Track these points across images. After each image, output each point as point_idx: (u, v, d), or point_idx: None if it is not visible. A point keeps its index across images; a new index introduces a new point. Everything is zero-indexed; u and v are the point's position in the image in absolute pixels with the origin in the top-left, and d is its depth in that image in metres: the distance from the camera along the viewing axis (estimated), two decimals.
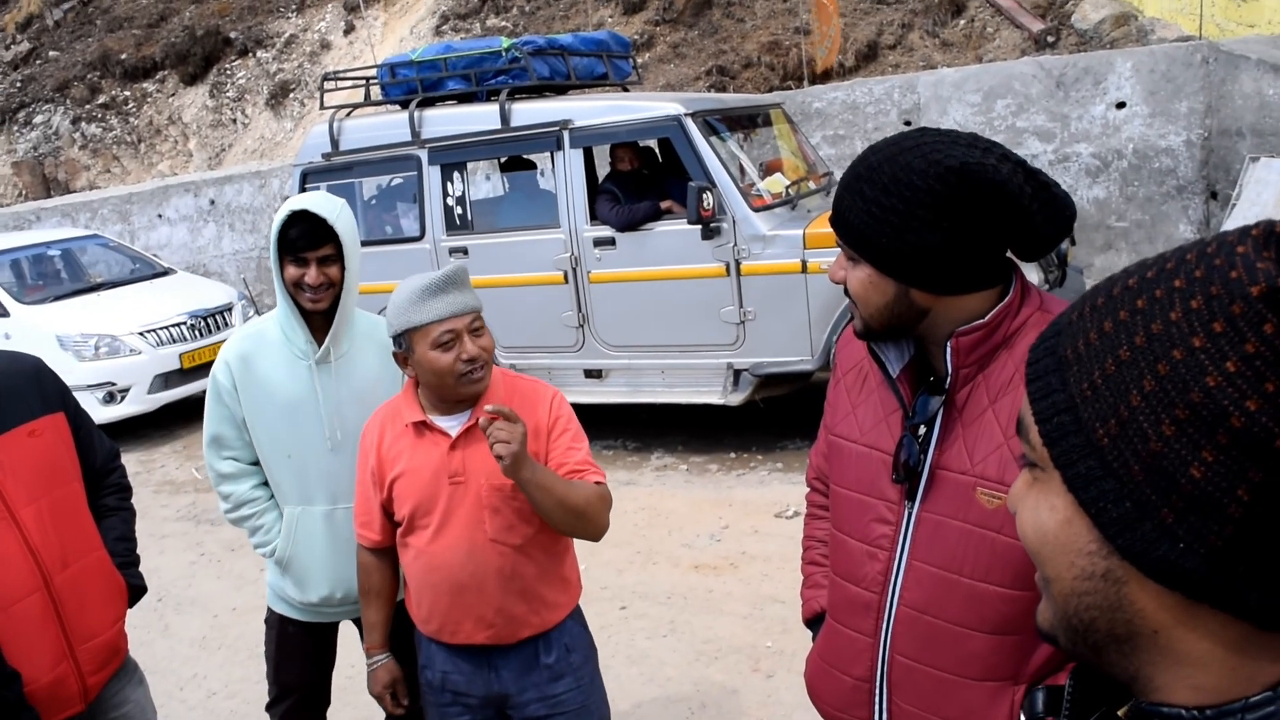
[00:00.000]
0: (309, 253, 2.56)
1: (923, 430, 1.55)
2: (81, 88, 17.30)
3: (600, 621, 4.15)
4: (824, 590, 1.82)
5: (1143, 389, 0.66)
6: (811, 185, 6.84)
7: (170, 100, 16.92)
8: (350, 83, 8.12)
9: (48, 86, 17.55)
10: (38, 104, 17.50)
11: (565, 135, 6.41)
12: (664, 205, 6.36)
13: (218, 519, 6.45)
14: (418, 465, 2.27)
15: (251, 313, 9.43)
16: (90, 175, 16.69)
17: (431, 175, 6.84)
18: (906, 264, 1.45)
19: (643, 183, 6.70)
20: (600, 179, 7.07)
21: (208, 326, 8.74)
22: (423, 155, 6.85)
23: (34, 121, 17.36)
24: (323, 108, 7.45)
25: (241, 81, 16.45)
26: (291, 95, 15.71)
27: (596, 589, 4.55)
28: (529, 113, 6.58)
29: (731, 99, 7.68)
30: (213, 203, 12.12)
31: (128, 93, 17.15)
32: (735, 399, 6.17)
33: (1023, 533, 0.78)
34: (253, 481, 2.77)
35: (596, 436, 6.00)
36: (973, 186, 1.38)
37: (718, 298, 6.13)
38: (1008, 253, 1.50)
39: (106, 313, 8.48)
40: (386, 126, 7.08)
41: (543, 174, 7.52)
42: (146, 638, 4.76)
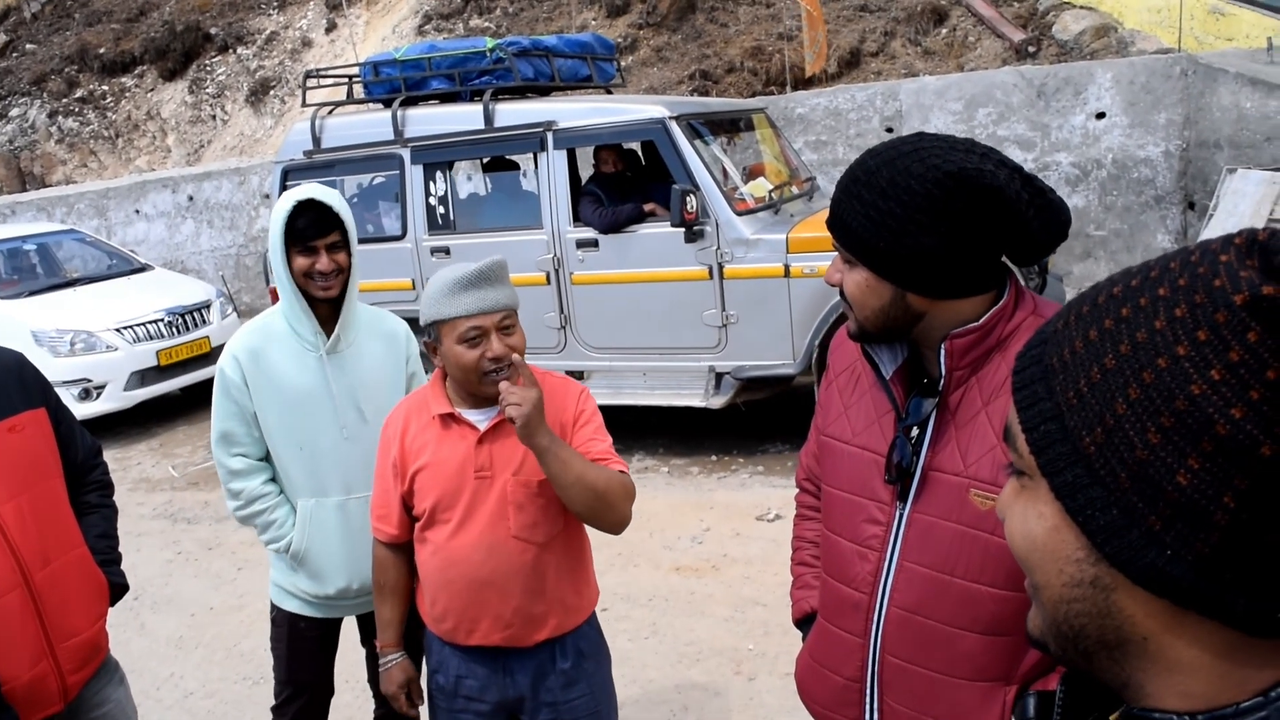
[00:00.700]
0: (319, 240, 2.59)
1: (915, 432, 1.56)
2: (59, 81, 17.14)
3: None
4: (814, 591, 1.82)
5: (1128, 397, 0.66)
6: (794, 190, 6.87)
7: (149, 95, 16.78)
8: (333, 80, 8.08)
9: (24, 80, 17.37)
10: (14, 97, 17.32)
11: (549, 136, 6.41)
12: (647, 208, 6.37)
13: (194, 517, 6.40)
14: (443, 458, 2.22)
15: (230, 310, 9.36)
16: (67, 170, 16.53)
17: (414, 174, 6.82)
18: (903, 268, 1.45)
19: (626, 185, 6.70)
20: (584, 181, 7.07)
21: (185, 324, 8.66)
22: (405, 154, 6.82)
23: (10, 115, 17.18)
24: (305, 105, 7.42)
25: (221, 78, 16.34)
26: (272, 92, 15.62)
27: None
28: (513, 113, 6.56)
29: (715, 103, 7.69)
30: (191, 199, 12.03)
31: (106, 87, 17.00)
32: (717, 402, 6.18)
33: (1011, 540, 0.78)
34: (263, 477, 2.76)
35: None
36: (970, 191, 1.39)
37: (700, 301, 6.14)
38: (1003, 258, 1.51)
39: (83, 309, 8.40)
40: (369, 125, 7.05)
41: (525, 175, 7.51)
42: (123, 637, 4.71)
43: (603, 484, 2.12)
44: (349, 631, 3.01)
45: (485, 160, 7.96)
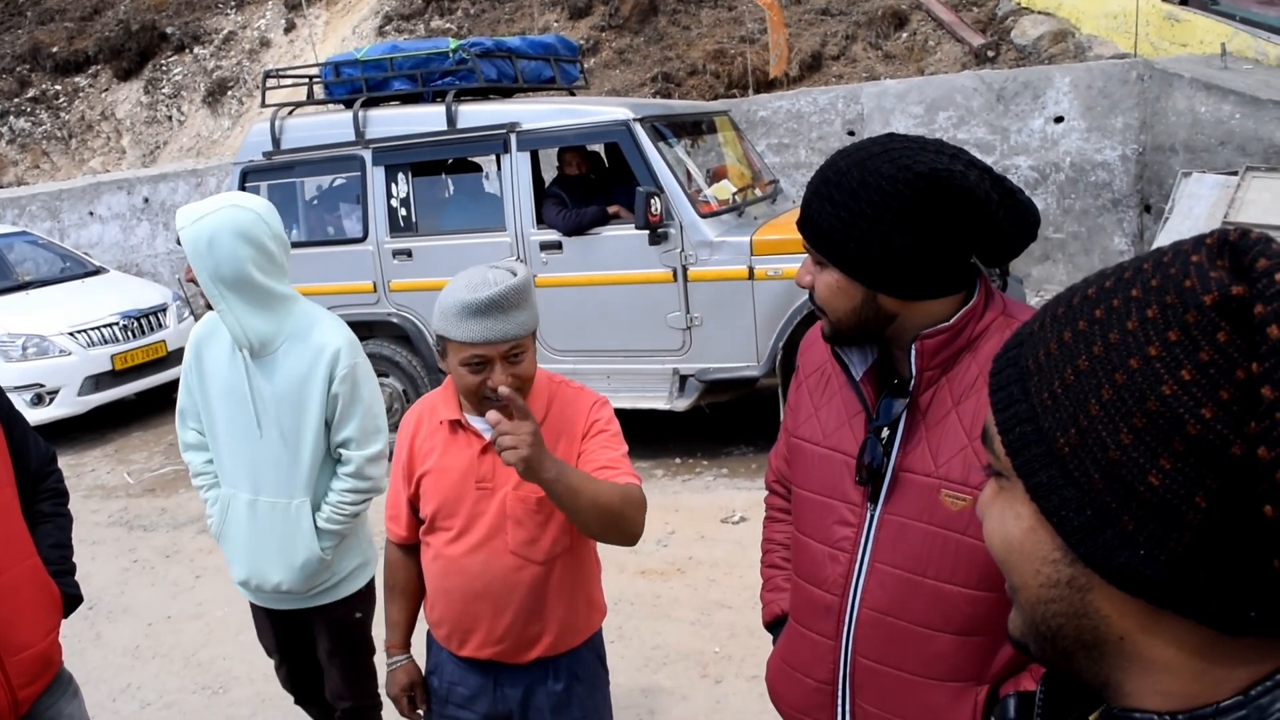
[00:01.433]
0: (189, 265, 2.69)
1: (886, 433, 1.55)
2: (10, 81, 16.82)
3: None
4: (785, 593, 1.81)
5: (1101, 398, 0.67)
6: (758, 192, 6.88)
7: (103, 95, 16.52)
8: (293, 81, 7.99)
9: None
10: None
11: (512, 138, 6.37)
12: (611, 210, 6.35)
13: (151, 524, 6.30)
14: (447, 464, 2.18)
15: (186, 314, 9.22)
16: (18, 171, 16.22)
17: (375, 176, 6.75)
18: (874, 269, 1.45)
19: (590, 187, 6.68)
20: (547, 183, 7.04)
21: (140, 327, 8.52)
22: (367, 156, 6.75)
23: None
24: (264, 105, 7.31)
25: (178, 78, 16.12)
26: (229, 93, 15.43)
27: None
28: (476, 115, 6.52)
29: (679, 105, 7.69)
30: (146, 201, 11.85)
31: (59, 87, 16.71)
32: (681, 404, 6.17)
33: (990, 541, 0.78)
34: (207, 455, 2.93)
35: None
36: (941, 192, 1.39)
37: (664, 303, 6.13)
38: (973, 258, 1.51)
39: (35, 312, 8.23)
40: (330, 126, 6.97)
41: (488, 177, 7.46)
42: (78, 647, 4.62)
43: (616, 503, 2.01)
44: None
45: (448, 162, 7.91)
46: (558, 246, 6.34)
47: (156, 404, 8.91)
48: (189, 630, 4.79)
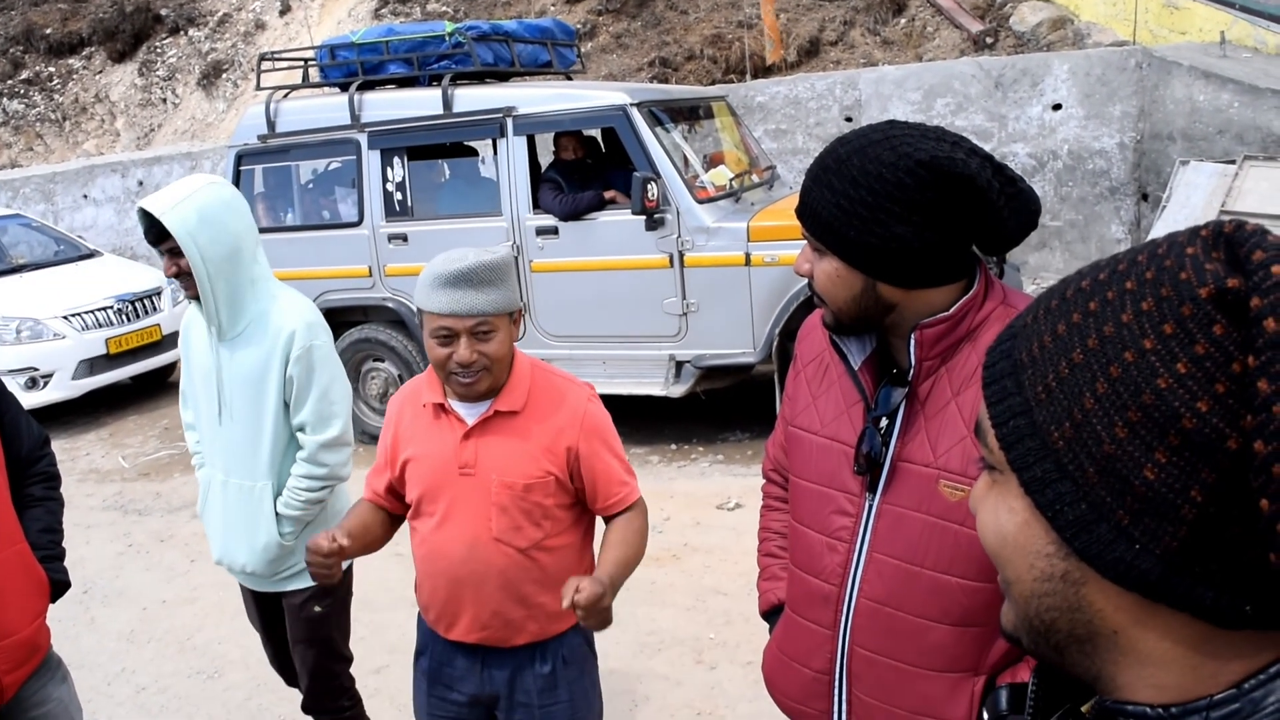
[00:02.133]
0: (160, 246, 2.67)
1: (884, 422, 1.54)
2: (3, 63, 16.71)
3: None
4: (782, 582, 1.81)
5: (1096, 391, 0.66)
6: (755, 178, 6.86)
7: (97, 78, 16.43)
8: (288, 63, 7.94)
9: None
10: None
11: (509, 122, 6.34)
12: (608, 195, 6.33)
13: (145, 509, 6.29)
14: (431, 450, 2.18)
15: (180, 297, 9.19)
16: (12, 153, 16.14)
17: (371, 160, 6.72)
18: (874, 257, 1.44)
19: (586, 172, 6.66)
20: (543, 167, 7.01)
21: (135, 311, 8.49)
22: (362, 139, 6.72)
23: None
24: (259, 88, 7.27)
25: (172, 60, 16.03)
26: (224, 75, 15.35)
27: None
28: (472, 99, 6.49)
29: (676, 90, 7.66)
30: (141, 184, 11.80)
31: (52, 69, 16.61)
32: (677, 391, 6.17)
33: (983, 535, 0.78)
34: (197, 435, 2.98)
35: None
36: (942, 180, 1.38)
37: (661, 289, 6.12)
38: (973, 247, 1.50)
39: (29, 295, 8.20)
40: (325, 109, 6.93)
41: (485, 161, 7.43)
42: (72, 631, 4.62)
43: (641, 551, 2.23)
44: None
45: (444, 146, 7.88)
46: (554, 232, 6.32)
47: (151, 388, 8.88)
48: (183, 614, 4.79)
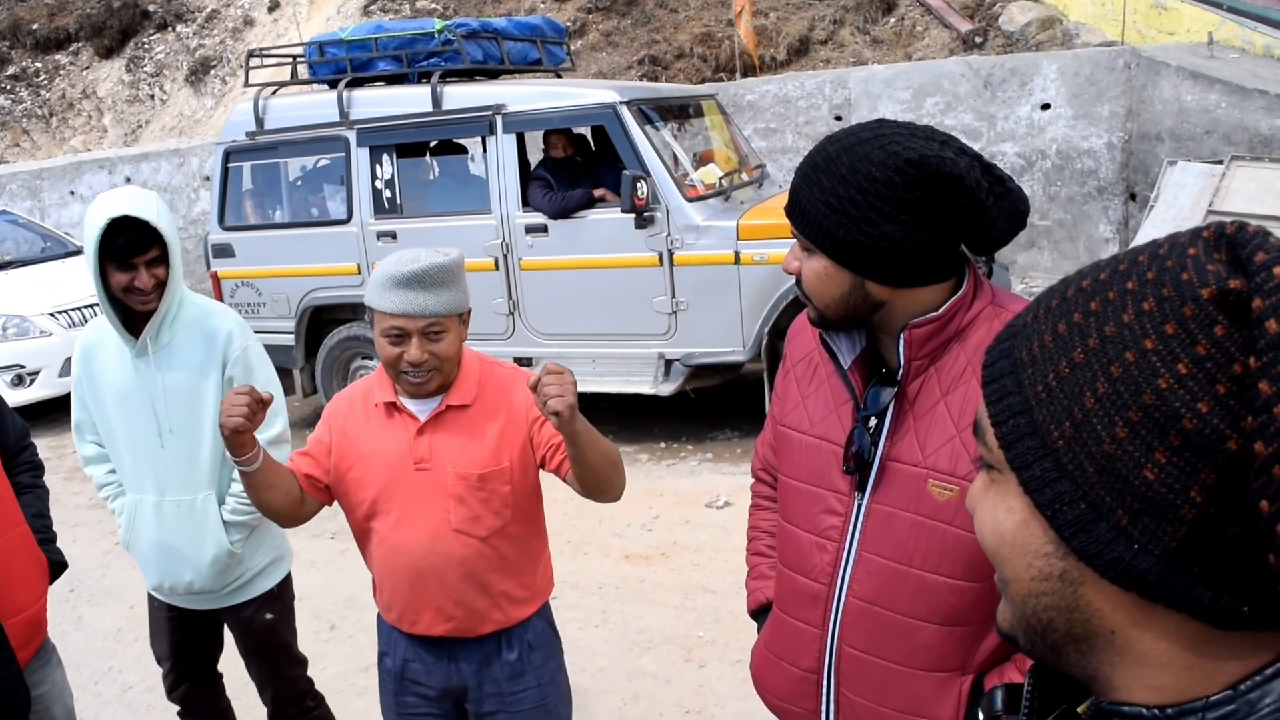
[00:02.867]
0: (138, 258, 2.51)
1: (873, 422, 1.55)
2: None
3: None
4: (770, 581, 1.81)
5: (1096, 391, 0.66)
6: (744, 177, 6.86)
7: (84, 73, 16.34)
8: (276, 60, 7.92)
9: None
10: None
11: (498, 120, 6.33)
12: (597, 193, 6.32)
13: None
14: (383, 448, 2.19)
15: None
16: None
17: (360, 157, 6.71)
18: (863, 255, 1.43)
19: (576, 170, 6.65)
20: (533, 165, 7.01)
21: None
22: (351, 136, 6.70)
23: None
24: (247, 85, 7.24)
25: (160, 56, 15.95)
26: (212, 72, 15.29)
27: None
28: (461, 96, 6.48)
29: (666, 89, 7.66)
30: (128, 180, 11.74)
31: (39, 64, 16.52)
32: (666, 389, 6.17)
33: (981, 534, 0.78)
34: (109, 466, 2.84)
35: None
36: (930, 179, 1.38)
37: (650, 287, 6.12)
38: (961, 246, 1.50)
39: (15, 292, 8.16)
40: (314, 106, 6.91)
41: (474, 159, 7.42)
42: (59, 629, 4.58)
43: (616, 455, 2.13)
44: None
45: (433, 144, 7.87)
46: (543, 229, 6.31)
47: None
48: None
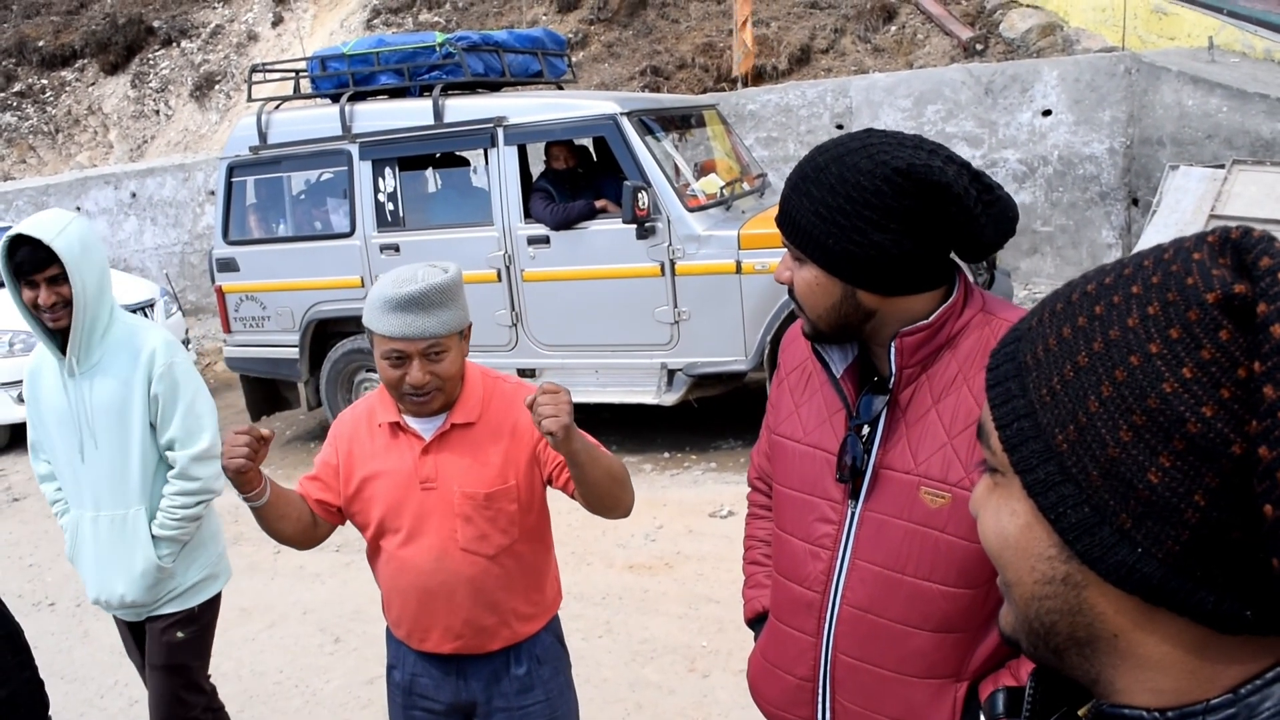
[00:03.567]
0: (36, 275, 2.61)
1: (866, 430, 1.55)
2: None
3: None
4: (766, 590, 1.81)
5: (1100, 395, 0.66)
6: (746, 186, 6.88)
7: (90, 90, 16.43)
8: (279, 75, 7.96)
9: None
10: None
11: (500, 132, 6.36)
12: (599, 204, 6.34)
13: None
14: (390, 467, 2.19)
15: (174, 309, 9.18)
16: (5, 166, 16.13)
17: (362, 170, 6.74)
18: (853, 265, 1.44)
19: (577, 181, 6.67)
20: (534, 177, 7.03)
21: None
22: (354, 150, 6.73)
23: None
24: (250, 100, 7.28)
25: (165, 72, 16.04)
26: (217, 87, 15.36)
27: None
28: (463, 109, 6.51)
29: (667, 99, 7.69)
30: (134, 195, 11.81)
31: (45, 81, 16.61)
32: (669, 399, 6.18)
33: (984, 537, 0.78)
34: (58, 484, 2.95)
35: None
36: (919, 188, 1.39)
37: (652, 297, 6.13)
38: (951, 254, 1.51)
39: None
40: (316, 120, 6.95)
41: (476, 171, 7.45)
42: (65, 644, 4.61)
43: (621, 472, 2.11)
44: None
45: (435, 156, 7.90)
46: (545, 241, 6.33)
47: None
48: None
